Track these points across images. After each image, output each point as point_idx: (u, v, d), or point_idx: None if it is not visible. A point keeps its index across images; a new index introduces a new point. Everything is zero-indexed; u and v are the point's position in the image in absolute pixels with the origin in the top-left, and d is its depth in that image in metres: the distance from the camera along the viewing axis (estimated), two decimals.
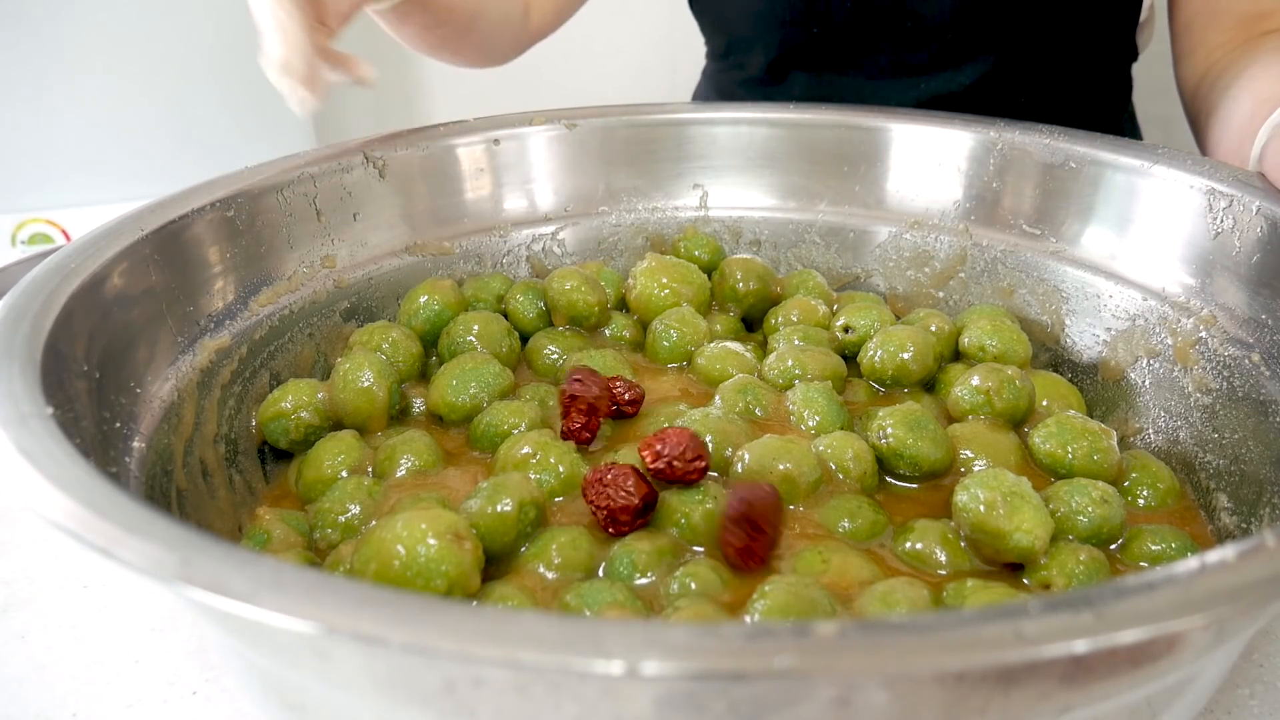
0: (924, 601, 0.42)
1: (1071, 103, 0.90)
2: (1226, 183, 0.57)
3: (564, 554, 0.45)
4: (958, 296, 0.69)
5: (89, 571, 0.53)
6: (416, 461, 0.52)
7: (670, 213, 0.75)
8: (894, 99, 0.85)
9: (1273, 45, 0.73)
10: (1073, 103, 0.90)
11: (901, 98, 0.87)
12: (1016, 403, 0.55)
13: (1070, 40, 0.86)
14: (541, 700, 0.28)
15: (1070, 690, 0.29)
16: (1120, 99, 0.95)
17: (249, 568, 0.29)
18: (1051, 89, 0.89)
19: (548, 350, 0.64)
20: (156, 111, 1.50)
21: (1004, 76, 0.86)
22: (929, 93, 0.87)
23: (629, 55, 1.69)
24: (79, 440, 0.39)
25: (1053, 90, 0.89)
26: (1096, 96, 0.92)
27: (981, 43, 0.85)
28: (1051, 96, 0.89)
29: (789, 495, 0.49)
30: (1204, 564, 0.29)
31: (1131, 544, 0.48)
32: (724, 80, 0.98)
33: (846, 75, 0.89)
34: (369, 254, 0.66)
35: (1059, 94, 0.89)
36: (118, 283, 0.49)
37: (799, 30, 0.88)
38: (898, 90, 0.87)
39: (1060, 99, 0.89)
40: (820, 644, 0.26)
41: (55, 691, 0.45)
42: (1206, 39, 0.79)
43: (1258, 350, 0.53)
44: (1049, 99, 0.89)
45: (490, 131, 0.71)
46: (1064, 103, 0.89)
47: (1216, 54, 0.78)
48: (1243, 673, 0.45)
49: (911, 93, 0.87)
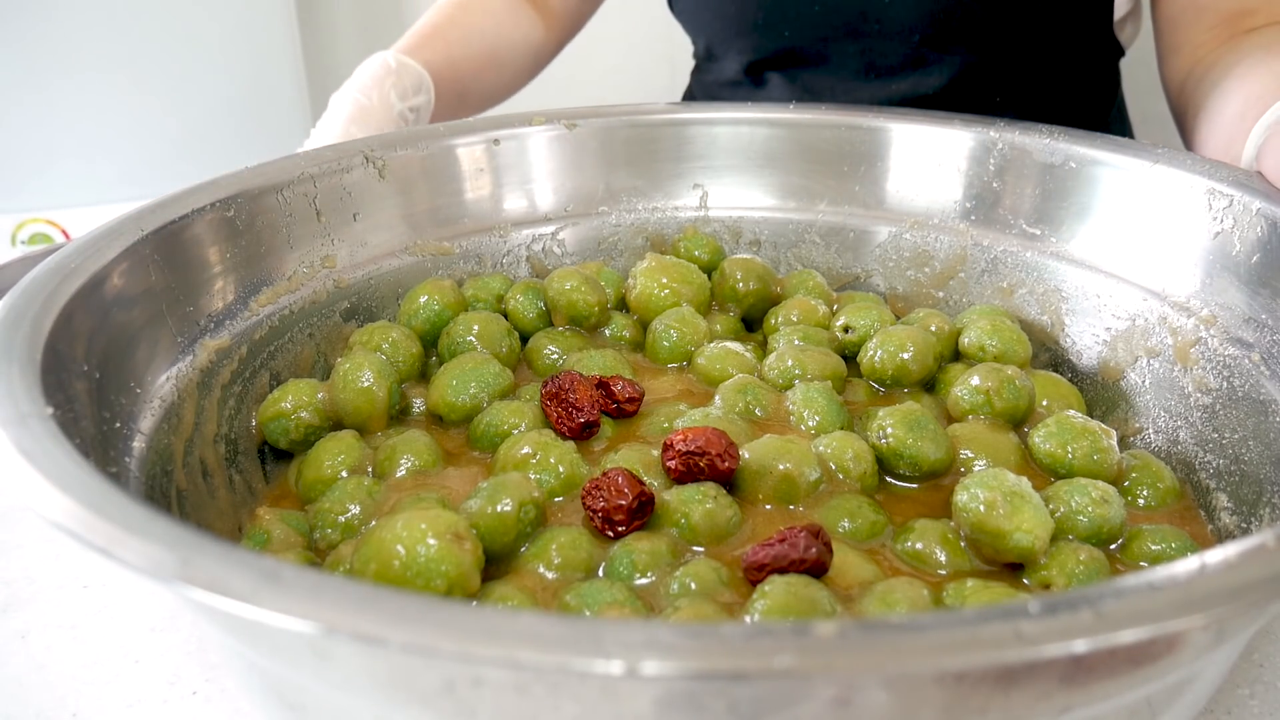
0: (924, 601, 0.42)
1: (1051, 101, 0.90)
2: (1226, 183, 0.57)
3: (564, 554, 0.45)
4: (958, 296, 0.69)
5: (89, 571, 0.53)
6: (416, 461, 0.52)
7: (670, 213, 0.75)
8: (865, 100, 0.86)
9: (1259, 43, 0.72)
10: (1052, 101, 0.90)
11: (873, 99, 0.87)
12: (1016, 403, 0.55)
13: (1041, 39, 0.86)
14: (541, 700, 0.28)
15: (1070, 690, 0.29)
16: (1105, 96, 0.95)
17: (249, 568, 0.29)
18: (1027, 88, 0.89)
19: (548, 350, 0.64)
20: (156, 111, 1.50)
21: (976, 76, 0.87)
22: (901, 94, 0.87)
23: (629, 55, 1.69)
24: (79, 440, 0.39)
25: (1029, 89, 0.89)
26: (1077, 94, 0.92)
27: (949, 44, 0.85)
28: (1028, 95, 0.89)
29: (789, 495, 0.49)
30: (1204, 564, 0.29)
31: (1131, 544, 0.48)
32: (707, 81, 0.99)
33: (820, 77, 0.90)
34: (369, 254, 0.66)
35: (1036, 93, 0.89)
36: (118, 283, 0.49)
37: (771, 34, 0.89)
38: (869, 91, 0.88)
39: (1038, 97, 0.89)
40: (820, 644, 0.26)
41: (55, 691, 0.45)
42: (1191, 36, 0.79)
43: (1258, 350, 0.53)
44: (1026, 98, 0.89)
45: (490, 131, 0.71)
46: (1043, 101, 0.89)
47: (1201, 51, 0.78)
48: (1243, 673, 0.45)
49: (882, 93, 0.88)
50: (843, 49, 0.87)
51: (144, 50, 1.47)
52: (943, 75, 0.86)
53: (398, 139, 0.69)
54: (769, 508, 0.49)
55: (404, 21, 0.93)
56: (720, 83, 0.97)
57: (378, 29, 1.90)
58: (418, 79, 0.81)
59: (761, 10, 0.88)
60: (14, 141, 1.45)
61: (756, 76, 0.93)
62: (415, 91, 0.81)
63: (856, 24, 0.86)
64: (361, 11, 1.93)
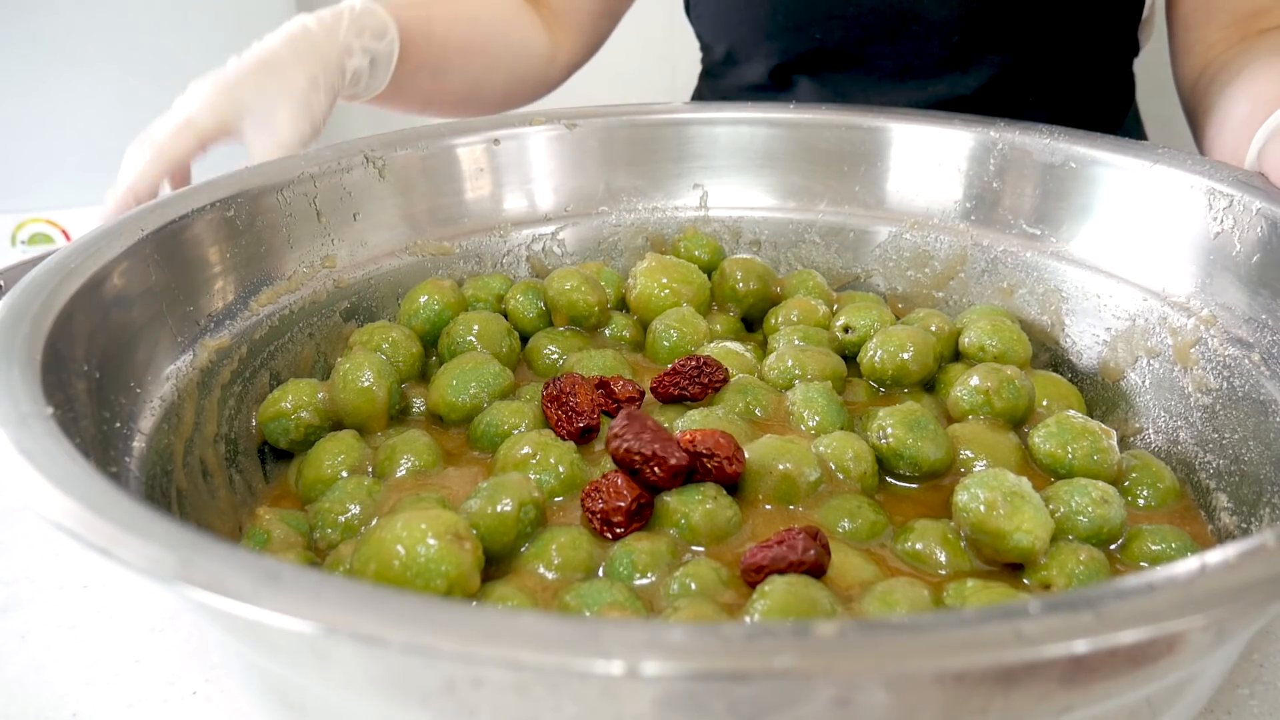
0: (924, 601, 0.42)
1: (1078, 102, 0.89)
2: (1226, 183, 0.57)
3: (564, 554, 0.45)
4: (958, 296, 0.69)
5: (89, 571, 0.53)
6: (416, 461, 0.52)
7: (670, 213, 0.75)
8: (901, 103, 0.85)
9: (1271, 44, 0.73)
10: (1079, 102, 0.89)
11: (908, 101, 0.85)
12: (1016, 403, 0.55)
13: (1075, 39, 0.86)
14: (541, 700, 0.28)
15: (1070, 690, 0.29)
16: (1124, 96, 0.95)
17: (249, 568, 0.29)
18: (1058, 89, 0.88)
19: (548, 350, 0.64)
20: (157, 112, 1.50)
21: (1012, 78, 0.86)
22: (936, 96, 0.86)
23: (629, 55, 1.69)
24: (79, 440, 0.39)
25: (1060, 90, 0.88)
26: (1102, 94, 0.92)
27: (988, 44, 0.84)
28: (1058, 97, 0.88)
29: (789, 495, 0.49)
30: (1204, 564, 0.29)
31: (1131, 544, 0.48)
32: (725, 86, 0.97)
33: (851, 80, 0.88)
34: (369, 254, 0.66)
35: (1066, 94, 0.89)
36: (118, 283, 0.49)
37: (802, 36, 0.87)
38: (904, 94, 0.86)
39: (1067, 99, 0.89)
40: (820, 644, 0.26)
41: (55, 691, 0.45)
42: (1204, 36, 0.79)
43: (1258, 350, 0.53)
44: (1056, 99, 0.88)
45: (490, 131, 0.71)
46: (1071, 102, 0.89)
47: (1214, 51, 0.78)
48: (1243, 673, 0.45)
49: (919, 96, 0.86)
50: (877, 50, 0.85)
51: (144, 50, 1.47)
52: (980, 76, 0.85)
53: (398, 139, 0.68)
54: (769, 508, 0.49)
55: None
56: (741, 87, 0.94)
57: None
58: (381, 25, 0.74)
59: (792, 11, 0.85)
60: (14, 141, 1.45)
61: (783, 80, 0.91)
62: (376, 37, 0.74)
63: (894, 23, 0.83)
64: None
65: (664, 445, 0.47)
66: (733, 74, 0.95)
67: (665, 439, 0.47)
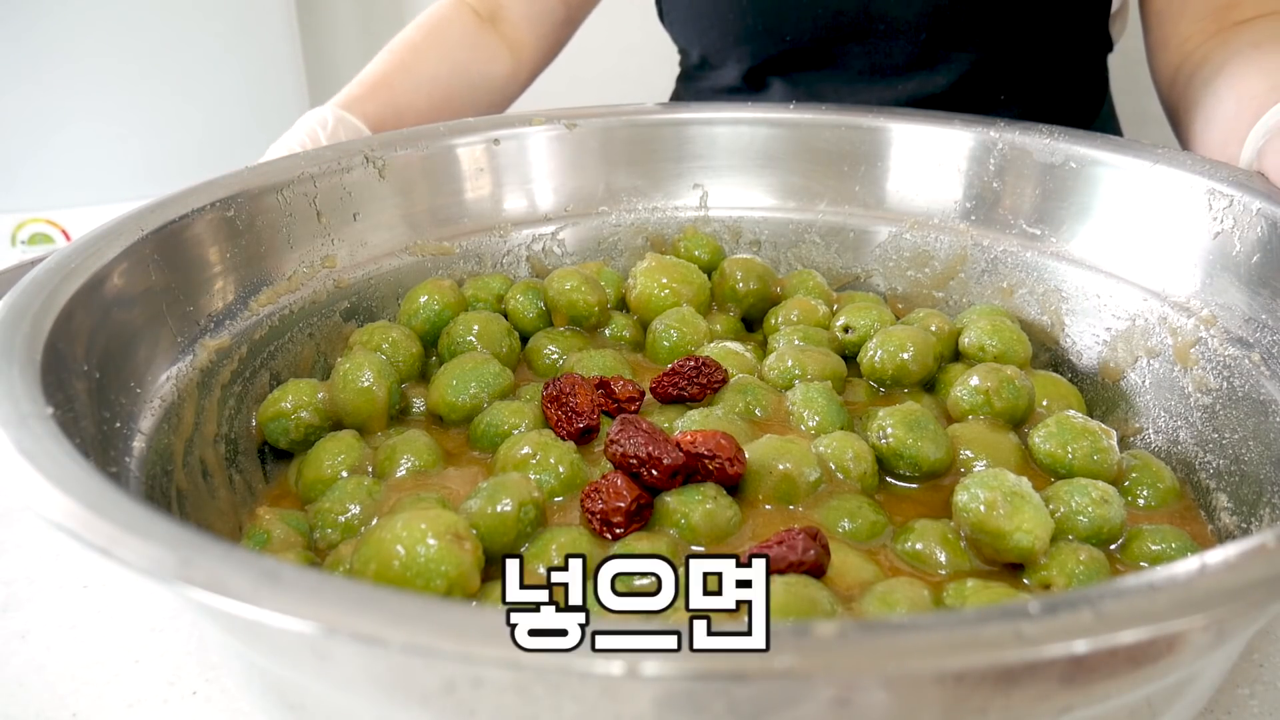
0: (924, 601, 0.42)
1: (1050, 98, 0.90)
2: (1226, 183, 0.57)
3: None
4: (958, 296, 0.69)
5: (89, 571, 0.53)
6: (416, 461, 0.52)
7: (670, 213, 0.75)
8: (873, 102, 0.86)
9: (1249, 39, 0.72)
10: (1052, 98, 0.90)
11: (880, 100, 0.87)
12: (1016, 403, 0.55)
13: (1045, 35, 0.86)
14: (541, 700, 0.28)
15: (1070, 690, 0.29)
16: (1098, 92, 0.95)
17: (249, 568, 0.29)
18: (1029, 85, 0.89)
19: (548, 350, 0.64)
20: (156, 111, 1.50)
21: (982, 75, 0.86)
22: (908, 94, 0.87)
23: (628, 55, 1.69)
24: (79, 440, 0.39)
25: (1031, 86, 0.89)
26: (1074, 91, 0.92)
27: (956, 42, 0.85)
28: (1030, 93, 0.89)
29: (789, 495, 0.49)
30: (1204, 564, 0.29)
31: (1131, 544, 0.48)
32: (701, 89, 0.98)
33: (823, 80, 0.89)
34: (369, 254, 0.66)
35: (1037, 90, 0.89)
36: (118, 283, 0.49)
37: (773, 39, 0.88)
38: (875, 92, 0.87)
39: (1038, 95, 0.89)
40: (820, 644, 0.26)
41: (55, 691, 0.45)
42: (1179, 30, 0.79)
43: (1258, 350, 0.53)
44: (1028, 95, 0.89)
45: (490, 131, 0.71)
46: (1043, 99, 0.89)
47: (1190, 45, 0.77)
48: (1243, 673, 0.45)
49: (890, 94, 0.87)
50: (847, 50, 0.87)
51: (144, 50, 1.47)
52: (949, 74, 0.86)
53: (398, 139, 0.69)
54: (769, 508, 0.49)
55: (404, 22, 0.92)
56: (716, 90, 0.96)
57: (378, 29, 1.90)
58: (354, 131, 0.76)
59: (762, 14, 0.87)
60: (14, 141, 1.45)
61: (756, 82, 0.92)
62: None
63: (862, 23, 0.85)
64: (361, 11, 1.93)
65: (658, 446, 0.47)
66: (708, 77, 0.96)
67: (660, 440, 0.47)
